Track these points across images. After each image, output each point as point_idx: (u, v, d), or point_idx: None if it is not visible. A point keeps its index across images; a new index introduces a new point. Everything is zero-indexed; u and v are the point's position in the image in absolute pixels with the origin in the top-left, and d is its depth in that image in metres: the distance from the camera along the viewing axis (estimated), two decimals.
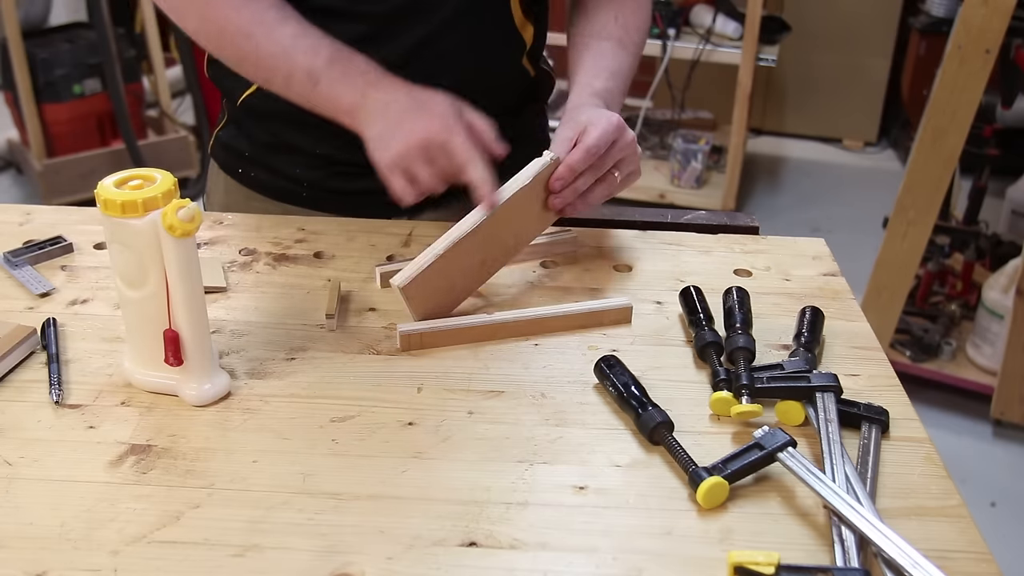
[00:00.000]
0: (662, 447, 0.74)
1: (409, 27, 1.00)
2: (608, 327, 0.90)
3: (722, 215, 1.14)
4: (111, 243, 0.77)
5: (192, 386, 0.79)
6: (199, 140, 3.44)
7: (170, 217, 0.72)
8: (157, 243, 0.74)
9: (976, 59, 2.03)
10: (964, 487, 1.75)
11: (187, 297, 0.76)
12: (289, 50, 0.93)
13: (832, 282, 1.00)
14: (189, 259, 0.75)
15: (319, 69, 0.92)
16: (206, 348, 0.79)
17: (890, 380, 0.84)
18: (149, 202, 0.73)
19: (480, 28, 1.03)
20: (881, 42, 3.76)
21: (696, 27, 3.14)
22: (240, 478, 0.71)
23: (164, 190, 0.74)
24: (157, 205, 0.74)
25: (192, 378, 0.79)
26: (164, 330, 0.77)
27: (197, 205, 0.73)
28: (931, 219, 2.23)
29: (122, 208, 0.73)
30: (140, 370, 0.81)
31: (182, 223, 0.72)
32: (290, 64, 0.93)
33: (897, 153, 3.90)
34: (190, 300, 0.76)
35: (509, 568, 0.64)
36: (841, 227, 3.33)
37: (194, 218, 0.73)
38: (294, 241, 1.05)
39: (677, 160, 3.34)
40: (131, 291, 0.77)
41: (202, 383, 0.79)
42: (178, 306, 0.76)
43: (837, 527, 0.66)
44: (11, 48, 2.99)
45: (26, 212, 1.11)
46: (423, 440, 0.75)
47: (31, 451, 0.74)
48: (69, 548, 0.65)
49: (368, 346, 0.87)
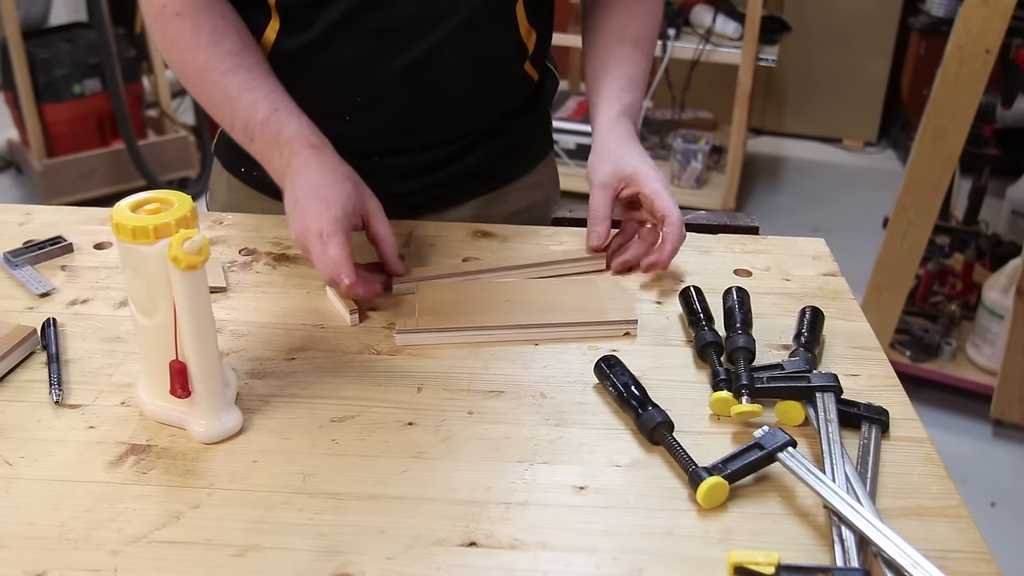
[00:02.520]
0: (662, 447, 0.74)
1: (414, 40, 0.99)
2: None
3: (722, 215, 1.14)
4: (124, 268, 0.74)
5: (201, 422, 0.75)
6: (199, 140, 3.44)
7: (175, 249, 0.68)
8: (167, 272, 0.70)
9: (976, 59, 2.03)
10: (964, 487, 1.75)
11: (195, 329, 0.72)
12: (233, 101, 0.94)
13: (832, 282, 1.00)
14: (198, 291, 0.71)
15: (254, 127, 0.93)
16: (215, 383, 0.75)
17: (890, 380, 0.84)
18: (161, 229, 0.69)
19: (485, 39, 1.02)
20: (881, 42, 3.76)
21: (696, 27, 3.14)
22: (240, 478, 0.71)
23: (179, 216, 0.70)
24: (170, 232, 0.70)
25: (200, 413, 0.75)
26: (171, 361, 0.74)
27: (206, 236, 0.69)
28: (931, 219, 2.23)
29: (133, 234, 0.69)
30: (152, 400, 0.77)
31: (187, 256, 0.68)
32: (233, 115, 0.94)
33: (897, 153, 3.90)
34: (198, 333, 0.72)
35: (509, 568, 0.64)
36: (841, 227, 3.33)
37: (201, 251, 0.68)
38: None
39: (677, 160, 3.34)
40: (143, 318, 0.74)
41: (211, 419, 0.75)
42: (185, 338, 0.72)
43: (837, 527, 0.66)
44: (11, 48, 2.99)
45: (26, 212, 1.11)
46: (423, 440, 0.75)
47: (31, 451, 0.74)
48: (69, 548, 0.65)
49: (368, 346, 0.87)
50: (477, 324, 0.88)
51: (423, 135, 1.08)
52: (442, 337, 0.87)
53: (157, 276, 0.71)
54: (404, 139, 1.08)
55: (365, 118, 1.04)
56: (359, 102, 1.03)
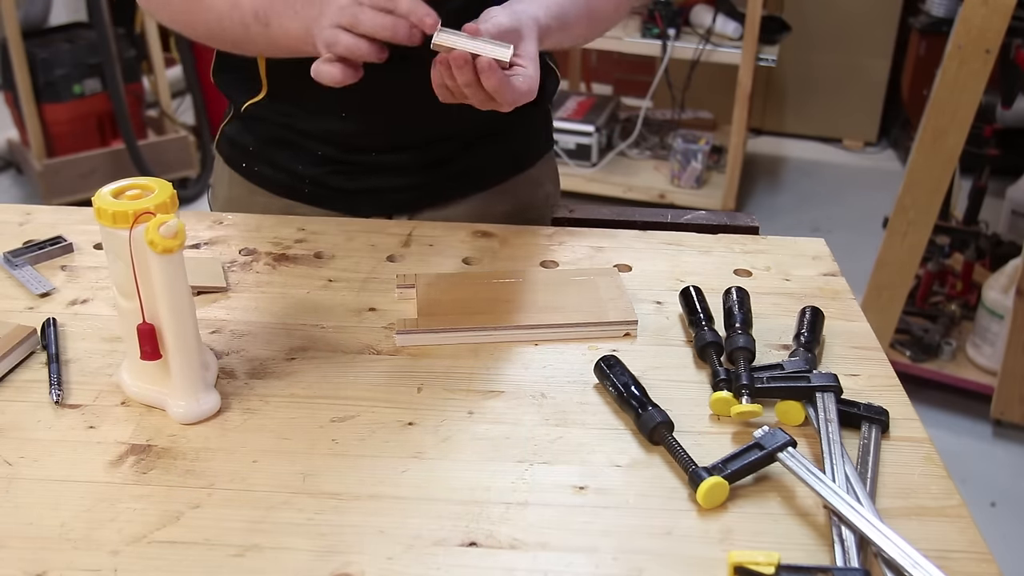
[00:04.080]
0: (662, 447, 0.74)
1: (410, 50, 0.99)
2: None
3: (722, 215, 1.14)
4: (106, 251, 0.76)
5: (180, 403, 0.77)
6: (199, 140, 3.44)
7: (151, 232, 0.70)
8: (145, 256, 0.72)
9: (976, 59, 2.03)
10: (964, 487, 1.75)
11: (172, 312, 0.74)
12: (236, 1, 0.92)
13: (832, 282, 1.00)
14: (175, 275, 0.73)
15: (263, 8, 0.91)
16: (193, 366, 0.77)
17: (890, 380, 0.84)
18: (140, 214, 0.71)
19: None
20: (881, 42, 3.76)
21: (696, 27, 3.14)
22: (240, 478, 0.71)
23: (158, 202, 0.72)
24: (149, 218, 0.72)
25: (178, 395, 0.77)
26: (138, 324, 0.74)
27: (182, 221, 0.71)
28: (931, 219, 2.23)
29: (113, 218, 0.71)
30: (134, 381, 0.80)
31: (163, 239, 0.70)
32: (242, 13, 0.92)
33: (897, 153, 3.90)
34: (176, 316, 0.74)
35: (509, 568, 0.64)
36: (841, 227, 3.33)
37: (176, 235, 0.70)
38: (294, 241, 1.05)
39: (677, 160, 3.34)
40: (124, 301, 0.76)
41: (189, 401, 0.77)
42: (164, 321, 0.74)
43: (837, 527, 0.66)
44: (11, 48, 2.99)
45: (26, 212, 1.11)
46: (423, 440, 0.75)
47: (31, 451, 0.74)
48: (69, 548, 0.65)
49: (368, 346, 0.87)
50: (477, 324, 0.88)
51: (420, 132, 1.08)
52: (442, 337, 0.87)
53: (136, 260, 0.73)
54: (400, 136, 1.08)
55: (361, 115, 1.04)
56: (354, 99, 1.02)
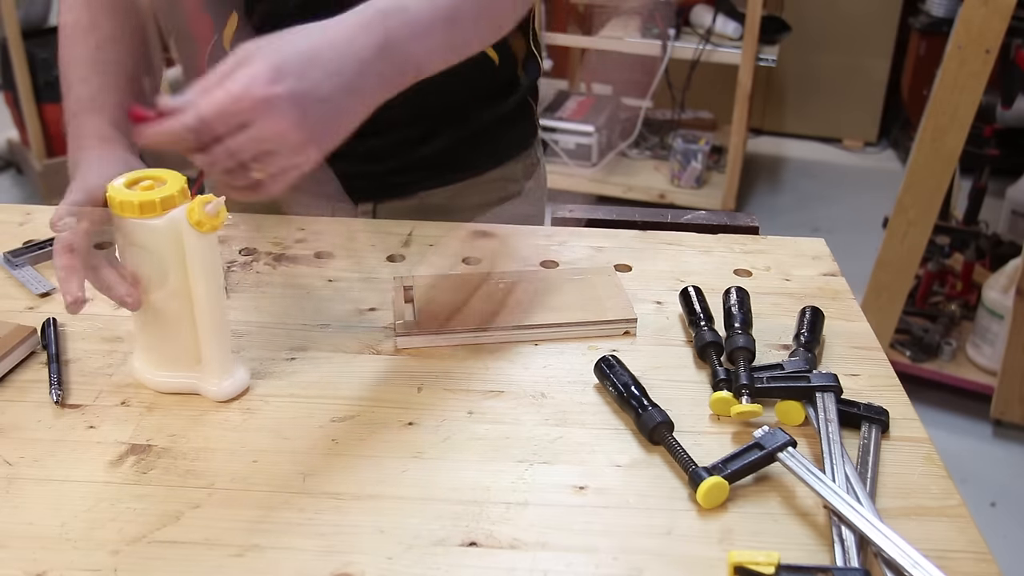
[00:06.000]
0: (662, 447, 0.74)
1: None
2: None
3: (722, 215, 1.14)
4: (127, 246, 0.76)
5: (213, 382, 0.79)
6: None
7: (198, 213, 0.71)
8: (177, 242, 0.73)
9: (976, 59, 2.03)
10: (964, 487, 1.75)
11: (209, 293, 0.75)
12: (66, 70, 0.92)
13: (832, 282, 1.00)
14: (213, 254, 0.74)
15: (69, 109, 0.91)
16: (227, 344, 0.79)
17: (890, 380, 0.84)
18: (167, 201, 0.73)
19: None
20: (881, 42, 3.76)
21: (696, 27, 3.14)
22: (240, 478, 0.71)
23: (179, 188, 0.74)
24: (175, 204, 0.73)
25: (215, 373, 0.79)
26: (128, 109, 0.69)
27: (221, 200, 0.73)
28: (931, 219, 2.23)
29: (140, 208, 0.72)
30: (157, 372, 0.80)
31: (210, 218, 0.72)
32: (66, 85, 0.92)
33: (897, 153, 3.90)
34: (213, 296, 0.76)
35: (509, 568, 0.64)
36: (841, 227, 3.33)
37: (220, 212, 0.72)
38: (294, 241, 1.05)
39: (677, 160, 3.34)
40: (148, 293, 0.76)
41: (223, 379, 0.79)
42: (201, 302, 0.76)
43: (837, 527, 0.66)
44: (11, 48, 2.99)
45: (26, 212, 1.11)
46: (423, 440, 0.75)
47: (31, 451, 0.74)
48: (69, 548, 0.65)
49: (368, 346, 0.87)
50: (477, 324, 0.88)
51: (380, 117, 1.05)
52: (442, 338, 0.87)
53: (167, 247, 0.73)
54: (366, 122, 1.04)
55: None
56: None
